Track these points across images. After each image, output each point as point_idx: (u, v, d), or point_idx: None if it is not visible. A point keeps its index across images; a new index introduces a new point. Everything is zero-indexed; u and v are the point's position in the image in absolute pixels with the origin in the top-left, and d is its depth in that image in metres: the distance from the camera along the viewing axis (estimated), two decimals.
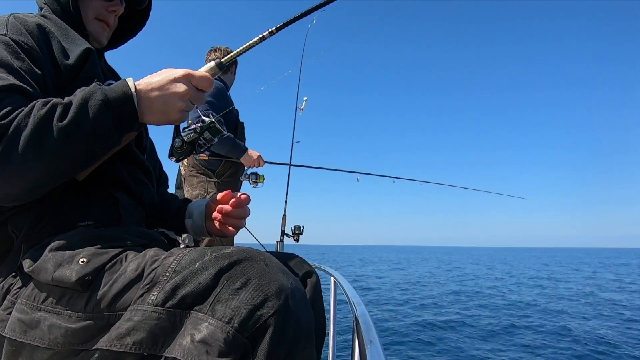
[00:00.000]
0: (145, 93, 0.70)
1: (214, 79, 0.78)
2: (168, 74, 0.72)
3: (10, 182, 0.60)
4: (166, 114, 0.72)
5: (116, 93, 0.67)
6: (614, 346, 5.97)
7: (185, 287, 0.55)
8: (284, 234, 2.96)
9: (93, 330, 0.57)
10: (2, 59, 0.68)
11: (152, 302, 0.55)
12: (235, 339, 0.51)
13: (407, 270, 24.49)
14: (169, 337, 0.53)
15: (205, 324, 0.52)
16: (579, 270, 25.44)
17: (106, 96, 0.66)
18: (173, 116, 0.72)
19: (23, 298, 0.61)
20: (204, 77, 0.73)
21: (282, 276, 0.57)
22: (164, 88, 0.70)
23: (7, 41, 0.71)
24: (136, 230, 0.78)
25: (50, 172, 0.63)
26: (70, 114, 0.62)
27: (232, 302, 0.53)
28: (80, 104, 0.64)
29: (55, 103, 0.63)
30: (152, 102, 0.70)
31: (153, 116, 0.71)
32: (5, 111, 0.60)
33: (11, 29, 0.73)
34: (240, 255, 0.58)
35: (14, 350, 0.59)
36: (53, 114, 0.62)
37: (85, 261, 0.60)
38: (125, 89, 0.68)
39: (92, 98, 0.65)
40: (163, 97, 0.70)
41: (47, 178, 0.64)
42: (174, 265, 0.58)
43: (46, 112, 0.61)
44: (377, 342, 0.74)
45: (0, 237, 0.71)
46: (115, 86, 0.68)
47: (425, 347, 5.94)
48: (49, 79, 0.74)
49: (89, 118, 0.64)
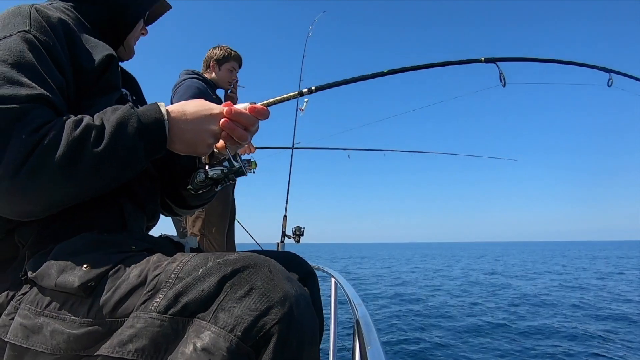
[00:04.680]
0: (178, 122, 0.70)
1: (194, 78, 0.81)
2: (204, 107, 0.73)
3: (34, 201, 0.60)
4: (194, 146, 0.72)
5: (149, 119, 0.67)
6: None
7: (188, 295, 0.54)
8: (284, 235, 2.96)
9: (95, 337, 0.56)
10: (28, 62, 0.64)
11: (154, 309, 0.54)
12: (238, 347, 0.50)
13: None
14: (172, 344, 0.53)
15: (208, 332, 0.51)
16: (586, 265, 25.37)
17: (140, 123, 0.66)
18: (201, 150, 0.73)
19: (26, 303, 0.60)
20: (242, 114, 0.74)
21: (286, 283, 0.56)
22: (197, 122, 0.71)
23: (32, 40, 0.67)
24: (140, 235, 0.78)
25: (75, 194, 0.63)
26: (106, 139, 0.62)
27: (236, 310, 0.52)
28: (115, 130, 0.63)
29: (89, 125, 0.62)
30: (184, 133, 0.71)
31: (181, 145, 0.72)
32: (35, 126, 0.58)
33: (35, 25, 0.68)
34: (244, 262, 0.57)
35: (16, 356, 0.59)
36: (88, 137, 0.61)
37: (88, 267, 0.60)
38: (158, 115, 0.68)
39: (128, 125, 0.65)
40: (195, 130, 0.71)
41: (72, 199, 0.64)
42: (177, 271, 0.57)
43: (80, 134, 0.60)
44: (378, 343, 0.74)
45: (7, 246, 0.69)
46: (147, 111, 0.68)
47: (425, 346, 5.93)
48: (70, 84, 0.72)
49: (124, 146, 0.64)
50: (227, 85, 2.53)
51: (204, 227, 2.31)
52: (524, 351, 5.74)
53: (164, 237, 0.85)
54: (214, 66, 2.48)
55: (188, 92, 2.21)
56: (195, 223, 2.33)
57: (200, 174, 0.84)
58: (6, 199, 0.58)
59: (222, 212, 2.37)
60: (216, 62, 2.47)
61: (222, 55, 2.46)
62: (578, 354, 5.53)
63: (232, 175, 0.83)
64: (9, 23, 0.68)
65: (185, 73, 2.39)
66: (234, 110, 0.73)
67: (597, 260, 31.48)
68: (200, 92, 2.25)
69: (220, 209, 2.35)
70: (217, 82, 2.50)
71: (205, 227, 2.31)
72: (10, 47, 0.64)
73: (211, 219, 2.32)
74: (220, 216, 2.35)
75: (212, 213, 2.32)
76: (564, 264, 26.77)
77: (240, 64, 2.57)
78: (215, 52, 2.47)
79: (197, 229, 2.31)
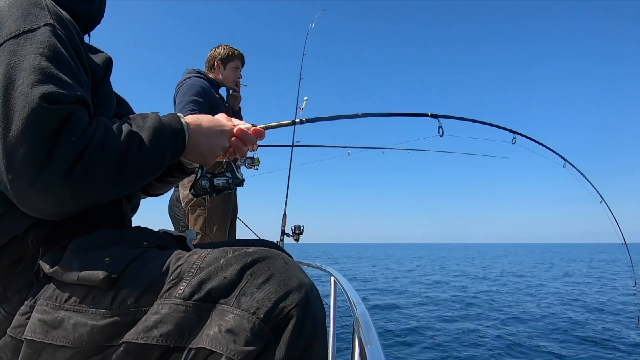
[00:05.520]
0: (194, 135, 0.75)
1: (197, 77, 0.86)
2: (217, 123, 0.79)
3: (80, 202, 0.60)
4: (205, 158, 0.79)
5: (175, 129, 0.71)
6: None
7: (211, 282, 0.57)
8: (284, 234, 2.98)
9: (119, 327, 0.57)
10: (64, 58, 0.61)
11: (179, 295, 0.56)
12: (260, 329, 0.53)
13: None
14: (195, 329, 0.55)
15: (231, 315, 0.54)
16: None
17: (171, 133, 0.70)
18: (210, 161, 0.80)
19: (44, 299, 0.60)
20: (248, 135, 0.82)
21: (300, 273, 0.61)
22: (212, 136, 0.77)
23: (59, 34, 0.63)
24: (148, 231, 0.80)
25: (114, 195, 0.65)
26: (148, 146, 0.65)
27: (257, 294, 0.55)
28: (154, 138, 0.66)
29: (133, 131, 0.64)
30: (198, 145, 0.76)
31: (193, 155, 0.78)
32: (82, 128, 0.58)
33: (54, 17, 0.65)
34: (262, 254, 0.61)
35: (33, 353, 0.58)
36: (132, 142, 0.63)
37: (110, 260, 0.61)
38: (179, 126, 0.72)
39: (163, 134, 0.68)
40: (208, 144, 0.77)
41: (109, 199, 0.65)
42: (198, 262, 0.60)
43: (126, 138, 0.62)
44: (377, 343, 0.75)
45: (19, 245, 0.67)
46: (171, 121, 0.71)
47: (425, 347, 5.96)
48: (89, 84, 0.70)
49: (161, 154, 0.67)
50: (233, 85, 2.53)
51: (205, 226, 2.32)
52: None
53: (163, 232, 0.87)
54: (218, 65, 2.47)
55: (191, 91, 2.21)
56: (197, 221, 2.34)
57: (204, 182, 0.91)
58: (53, 200, 0.57)
59: (224, 211, 2.38)
60: (221, 61, 2.46)
61: (227, 54, 2.46)
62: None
63: (234, 185, 0.93)
64: (29, 13, 0.62)
65: (189, 72, 2.39)
66: (242, 131, 0.82)
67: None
68: (204, 90, 2.25)
69: (222, 208, 2.36)
70: (222, 82, 2.50)
71: (206, 225, 2.32)
72: (43, 40, 0.60)
73: (213, 217, 2.33)
74: (222, 215, 2.36)
75: (214, 211, 2.33)
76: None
77: (243, 63, 2.57)
78: (218, 51, 2.47)
79: (199, 227, 2.32)
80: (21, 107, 0.54)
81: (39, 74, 0.56)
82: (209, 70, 2.50)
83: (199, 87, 2.25)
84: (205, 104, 2.22)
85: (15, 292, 0.64)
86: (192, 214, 2.36)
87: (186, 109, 2.13)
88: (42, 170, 0.54)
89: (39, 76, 0.56)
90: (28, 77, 0.56)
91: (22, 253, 0.67)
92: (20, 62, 0.57)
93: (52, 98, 0.55)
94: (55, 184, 0.55)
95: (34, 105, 0.54)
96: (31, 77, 0.56)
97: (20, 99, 0.54)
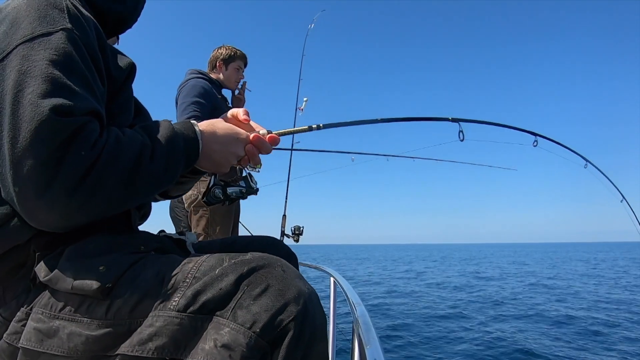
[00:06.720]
0: (208, 143, 0.73)
1: (199, 78, 0.85)
2: (233, 130, 0.77)
3: (87, 215, 0.58)
4: (219, 166, 0.76)
5: (188, 138, 0.69)
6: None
7: (207, 293, 0.55)
8: (283, 235, 2.98)
9: (115, 337, 0.56)
10: (78, 67, 0.59)
11: (173, 307, 0.55)
12: (257, 343, 0.52)
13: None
14: (191, 341, 0.54)
15: (227, 329, 0.53)
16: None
17: (185, 143, 0.68)
18: (224, 169, 0.78)
19: (39, 307, 0.59)
20: (264, 143, 0.80)
21: (299, 281, 0.59)
22: (227, 144, 0.75)
23: (76, 40, 0.60)
24: (145, 235, 0.79)
25: (124, 206, 0.62)
26: (160, 159, 0.63)
27: (253, 307, 0.54)
28: (168, 150, 0.65)
29: (145, 142, 0.62)
30: (213, 154, 0.74)
31: (207, 164, 0.76)
32: (93, 141, 0.56)
33: (73, 20, 0.62)
34: (259, 262, 0.59)
35: None
36: (145, 154, 0.61)
37: (104, 268, 0.59)
38: (193, 135, 0.70)
39: (176, 145, 0.66)
40: (223, 152, 0.75)
41: (119, 211, 0.62)
42: (193, 271, 0.59)
43: (137, 150, 0.60)
44: (377, 343, 0.75)
45: (21, 253, 0.65)
46: (185, 129, 0.70)
47: (424, 347, 5.96)
48: (105, 93, 0.68)
49: (174, 166, 0.66)
50: (235, 85, 2.53)
51: (208, 227, 2.32)
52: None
53: (162, 234, 0.85)
54: (220, 66, 2.47)
55: (193, 92, 2.21)
56: (199, 222, 2.34)
57: (217, 190, 0.90)
58: (60, 214, 0.55)
59: (227, 212, 2.38)
60: (223, 61, 2.46)
61: (229, 54, 2.46)
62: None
63: (248, 194, 0.91)
64: (46, 15, 0.60)
65: (191, 73, 2.39)
66: (259, 138, 0.80)
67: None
68: (206, 91, 2.26)
69: (224, 209, 2.36)
70: (224, 82, 2.50)
71: (209, 226, 2.32)
72: (58, 46, 0.58)
73: (215, 219, 2.33)
74: (224, 216, 2.37)
75: (216, 212, 2.33)
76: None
77: (246, 63, 2.57)
78: (220, 52, 2.47)
79: (202, 228, 2.32)
80: (30, 118, 0.52)
81: (50, 84, 0.54)
82: (211, 70, 2.50)
83: (201, 88, 2.25)
84: (207, 105, 2.22)
85: (13, 297, 0.63)
86: (195, 215, 2.36)
87: (188, 110, 2.14)
88: (49, 184, 0.52)
89: (50, 86, 0.54)
90: (39, 86, 0.54)
91: (24, 259, 0.65)
92: (32, 69, 0.55)
93: (62, 110, 0.53)
94: (62, 199, 0.53)
95: (43, 117, 0.52)
96: (42, 86, 0.54)
97: (29, 109, 0.52)
